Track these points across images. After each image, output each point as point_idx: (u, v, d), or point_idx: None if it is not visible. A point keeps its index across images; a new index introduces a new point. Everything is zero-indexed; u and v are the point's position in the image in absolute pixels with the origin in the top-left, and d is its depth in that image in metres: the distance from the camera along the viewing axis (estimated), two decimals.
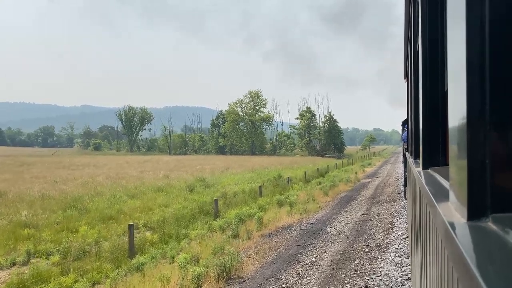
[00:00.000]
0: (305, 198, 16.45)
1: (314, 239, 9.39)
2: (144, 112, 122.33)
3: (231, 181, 25.56)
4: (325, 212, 13.42)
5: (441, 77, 2.44)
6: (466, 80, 0.81)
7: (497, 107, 0.77)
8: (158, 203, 16.61)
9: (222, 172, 33.17)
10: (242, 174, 31.09)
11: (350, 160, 51.82)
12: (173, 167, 39.56)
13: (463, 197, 0.87)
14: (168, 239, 10.67)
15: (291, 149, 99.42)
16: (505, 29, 0.76)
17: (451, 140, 1.04)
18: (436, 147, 2.49)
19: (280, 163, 47.09)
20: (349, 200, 15.91)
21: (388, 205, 13.22)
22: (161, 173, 30.41)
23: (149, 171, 33.11)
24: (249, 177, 27.57)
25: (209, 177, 27.48)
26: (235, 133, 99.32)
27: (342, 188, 20.28)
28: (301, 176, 26.60)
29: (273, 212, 13.54)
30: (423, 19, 2.53)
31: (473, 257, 0.66)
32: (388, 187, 19.58)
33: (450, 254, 0.95)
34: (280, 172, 29.55)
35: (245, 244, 9.67)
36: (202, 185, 22.25)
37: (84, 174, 31.02)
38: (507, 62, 0.76)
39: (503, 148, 0.79)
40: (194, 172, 32.19)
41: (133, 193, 19.55)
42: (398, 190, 17.71)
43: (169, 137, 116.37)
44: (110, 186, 21.86)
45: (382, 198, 15.42)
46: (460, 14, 0.84)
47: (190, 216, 13.78)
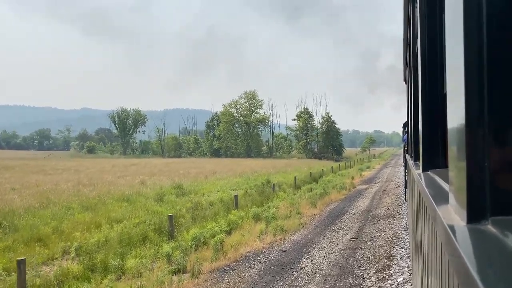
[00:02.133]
0: (288, 210, 13.89)
1: (279, 281, 6.79)
2: (138, 114, 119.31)
3: (213, 187, 23.12)
4: (307, 231, 10.85)
5: (440, 79, 2.43)
6: (464, 82, 0.81)
7: (496, 110, 0.77)
8: (112, 217, 14.01)
9: (206, 177, 30.55)
10: (228, 179, 28.40)
11: (349, 163, 48.84)
12: (157, 171, 36.93)
13: (462, 200, 0.87)
14: (90, 273, 8.06)
15: (288, 152, 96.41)
16: (504, 31, 0.76)
17: (450, 143, 1.04)
18: (436, 149, 2.49)
19: (274, 166, 44.28)
20: (339, 214, 13.34)
21: (385, 224, 10.66)
22: (140, 178, 27.81)
23: (128, 176, 30.50)
24: (234, 183, 25.22)
25: (190, 182, 25.16)
26: (229, 135, 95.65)
27: (334, 197, 17.72)
28: (292, 181, 24.06)
29: (246, 230, 11.09)
30: (422, 21, 2.54)
31: (472, 260, 0.67)
32: (386, 196, 17.03)
33: (450, 257, 0.96)
34: (270, 177, 27.28)
35: (186, 286, 7.05)
36: (178, 192, 19.76)
37: (56, 179, 28.45)
38: (506, 65, 0.76)
39: (502, 151, 0.79)
40: (176, 177, 29.61)
41: (92, 203, 16.96)
42: (398, 200, 15.19)
43: (163, 140, 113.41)
44: (70, 195, 19.28)
45: (378, 212, 12.86)
46: (458, 16, 0.84)
47: (140, 236, 11.16)
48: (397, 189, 19.06)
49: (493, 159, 0.78)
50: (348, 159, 62.28)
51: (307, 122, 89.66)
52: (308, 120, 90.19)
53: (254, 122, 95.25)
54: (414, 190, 3.73)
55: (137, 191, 20.13)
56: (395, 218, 11.25)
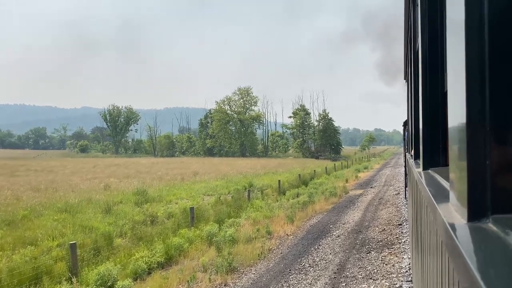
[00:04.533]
0: (255, 228, 10.79)
1: None
2: (130, 112, 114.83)
3: (185, 193, 20.18)
4: (265, 268, 7.77)
5: (441, 77, 2.44)
6: (465, 81, 0.81)
7: (497, 108, 0.77)
8: (27, 236, 10.98)
9: (183, 179, 27.40)
10: (208, 182, 25.55)
11: (346, 162, 45.73)
12: (134, 172, 34.21)
13: (463, 198, 0.87)
14: None
15: (284, 151, 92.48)
16: (505, 29, 0.76)
17: (451, 141, 1.04)
18: (436, 148, 2.50)
19: (265, 166, 41.64)
20: (319, 235, 10.21)
21: (378, 262, 7.44)
22: (106, 182, 24.99)
23: (97, 179, 27.54)
24: (212, 187, 22.40)
25: (162, 186, 22.48)
26: (223, 133, 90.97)
27: (319, 207, 14.62)
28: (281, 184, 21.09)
29: (185, 264, 7.99)
30: (423, 19, 2.55)
31: (473, 258, 0.66)
32: (383, 207, 13.95)
33: (451, 256, 0.95)
34: (255, 180, 24.78)
35: None
36: (138, 200, 16.98)
37: (14, 182, 25.65)
38: (507, 63, 0.76)
39: (503, 149, 0.79)
40: (150, 180, 26.57)
41: (22, 215, 14.00)
42: (398, 214, 12.20)
43: (155, 139, 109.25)
44: (3, 204, 16.27)
45: (371, 234, 9.73)
46: (459, 15, 0.84)
47: (34, 271, 8.11)
48: (396, 198, 15.78)
49: (494, 157, 0.79)
50: (347, 158, 59.64)
51: (304, 120, 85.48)
52: (305, 117, 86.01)
53: (248, 119, 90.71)
54: (414, 188, 3.71)
55: (88, 198, 17.12)
56: (393, 249, 8.10)
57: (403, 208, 12.83)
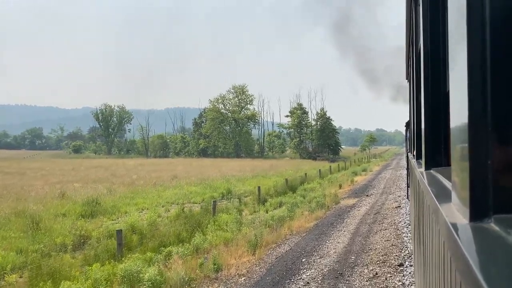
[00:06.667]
0: (196, 263, 7.90)
1: None
2: (123, 111, 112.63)
3: (151, 201, 17.50)
4: None
5: (442, 77, 2.43)
6: (467, 81, 0.81)
7: (499, 108, 0.77)
8: None
9: (155, 184, 24.51)
10: (184, 187, 22.31)
11: (344, 163, 42.65)
12: (108, 176, 31.41)
13: (465, 198, 0.87)
14: None
15: (281, 151, 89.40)
16: (507, 29, 0.76)
17: (453, 141, 1.04)
18: (438, 148, 2.49)
19: (255, 168, 39.01)
20: (282, 277, 7.14)
21: None
22: (74, 186, 22.76)
23: (61, 183, 24.72)
24: (185, 194, 19.48)
25: (127, 193, 19.79)
26: (216, 133, 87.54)
27: (298, 224, 11.55)
28: (265, 189, 19.03)
29: None
30: (425, 19, 2.54)
31: (475, 258, 0.67)
32: (379, 228, 10.32)
33: (453, 255, 0.96)
34: (239, 184, 22.90)
35: None
36: (87, 211, 14.46)
37: None
38: (509, 63, 0.76)
39: (506, 149, 0.79)
40: (119, 185, 23.80)
41: None
42: (399, 240, 8.66)
43: (147, 139, 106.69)
44: None
45: (356, 283, 6.43)
46: (461, 15, 0.84)
47: None
48: (397, 213, 12.01)
49: (496, 157, 0.79)
50: (345, 159, 56.78)
51: (301, 119, 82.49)
52: (302, 116, 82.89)
53: (244, 119, 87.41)
54: (416, 188, 3.75)
55: (22, 210, 13.83)
56: None
57: (405, 231, 9.30)
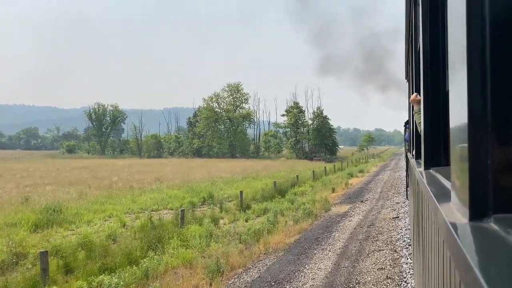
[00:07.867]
0: None
1: None
2: (116, 110, 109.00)
3: (124, 207, 15.85)
4: None
5: (442, 77, 2.45)
6: (467, 81, 0.81)
7: (499, 108, 0.77)
8: None
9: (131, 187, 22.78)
10: (163, 191, 20.47)
11: (341, 164, 40.20)
12: (90, 177, 29.74)
13: (464, 198, 0.87)
14: None
15: (277, 151, 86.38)
16: (506, 29, 0.76)
17: (452, 141, 1.05)
18: (437, 148, 2.51)
19: (247, 169, 36.94)
20: None
21: None
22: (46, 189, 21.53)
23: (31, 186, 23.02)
24: (165, 198, 17.97)
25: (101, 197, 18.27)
26: (211, 132, 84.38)
27: (277, 239, 9.48)
28: (253, 193, 17.89)
29: None
30: (424, 19, 2.55)
31: (475, 257, 0.67)
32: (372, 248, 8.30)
33: (452, 255, 0.96)
34: (227, 187, 21.64)
35: None
36: (44, 220, 12.59)
37: None
38: (509, 63, 0.76)
39: (505, 149, 0.79)
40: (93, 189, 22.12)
41: None
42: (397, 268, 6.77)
43: (140, 139, 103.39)
44: None
45: None
46: (460, 14, 0.84)
47: None
48: (395, 227, 10.10)
49: (496, 157, 0.79)
50: (343, 160, 54.72)
51: (297, 118, 79.20)
52: (299, 115, 79.58)
53: (238, 118, 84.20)
54: (416, 188, 3.72)
55: None
56: None
57: (404, 254, 7.51)
